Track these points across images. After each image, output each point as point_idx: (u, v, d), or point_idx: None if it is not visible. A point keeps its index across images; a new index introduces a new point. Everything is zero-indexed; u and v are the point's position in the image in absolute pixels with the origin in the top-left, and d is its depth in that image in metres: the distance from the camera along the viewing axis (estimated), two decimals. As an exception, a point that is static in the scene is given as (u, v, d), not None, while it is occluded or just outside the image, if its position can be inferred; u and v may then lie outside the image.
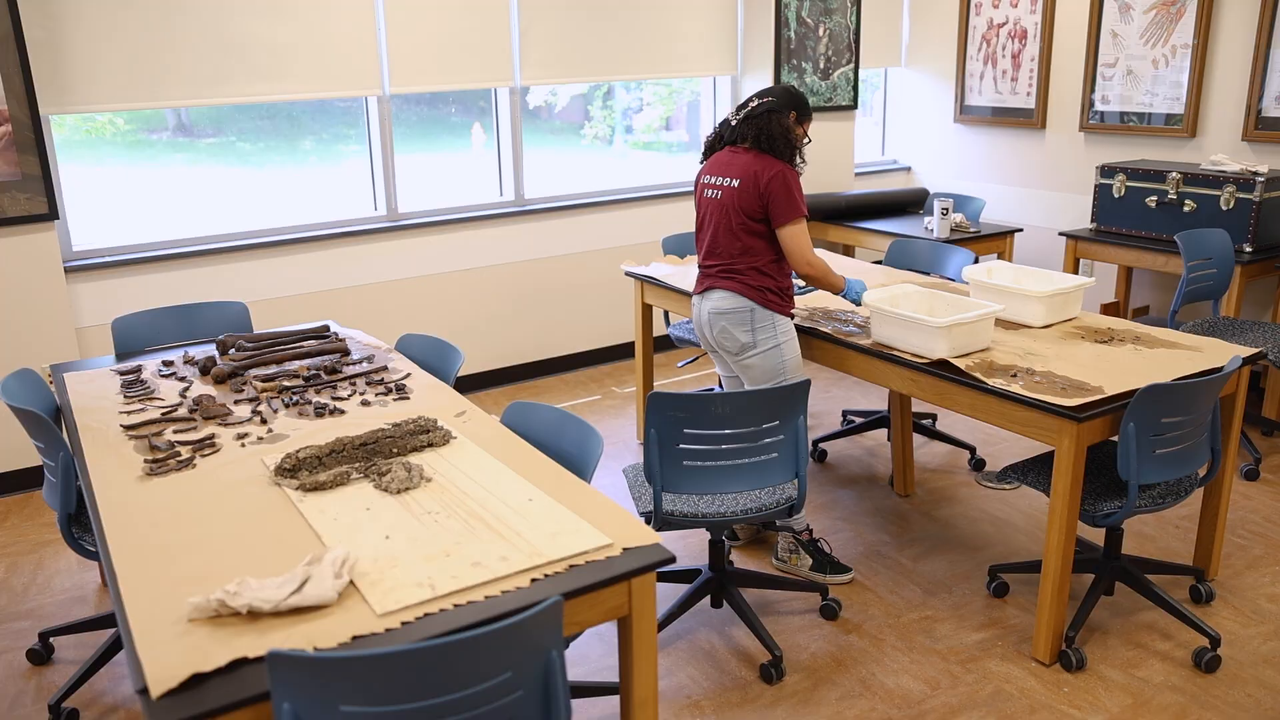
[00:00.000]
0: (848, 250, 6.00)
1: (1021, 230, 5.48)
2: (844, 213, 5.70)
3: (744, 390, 2.79)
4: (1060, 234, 5.21)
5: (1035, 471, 3.06)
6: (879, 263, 4.62)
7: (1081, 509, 2.86)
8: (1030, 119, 5.93)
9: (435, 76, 5.05)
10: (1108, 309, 5.55)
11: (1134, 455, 2.73)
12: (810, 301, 3.86)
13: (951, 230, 5.21)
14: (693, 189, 4.63)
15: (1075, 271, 5.19)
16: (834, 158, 6.27)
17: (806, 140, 3.39)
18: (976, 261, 4.38)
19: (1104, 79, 5.52)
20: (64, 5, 4.19)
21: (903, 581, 3.48)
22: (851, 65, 6.14)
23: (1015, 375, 2.96)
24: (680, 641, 3.17)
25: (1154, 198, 4.86)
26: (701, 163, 3.52)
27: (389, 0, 4.84)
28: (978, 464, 4.35)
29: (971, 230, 5.27)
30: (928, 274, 4.47)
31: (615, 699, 2.89)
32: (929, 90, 6.59)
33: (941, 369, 3.07)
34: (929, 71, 6.57)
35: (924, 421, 4.69)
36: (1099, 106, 5.56)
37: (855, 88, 6.19)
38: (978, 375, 2.96)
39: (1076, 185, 5.81)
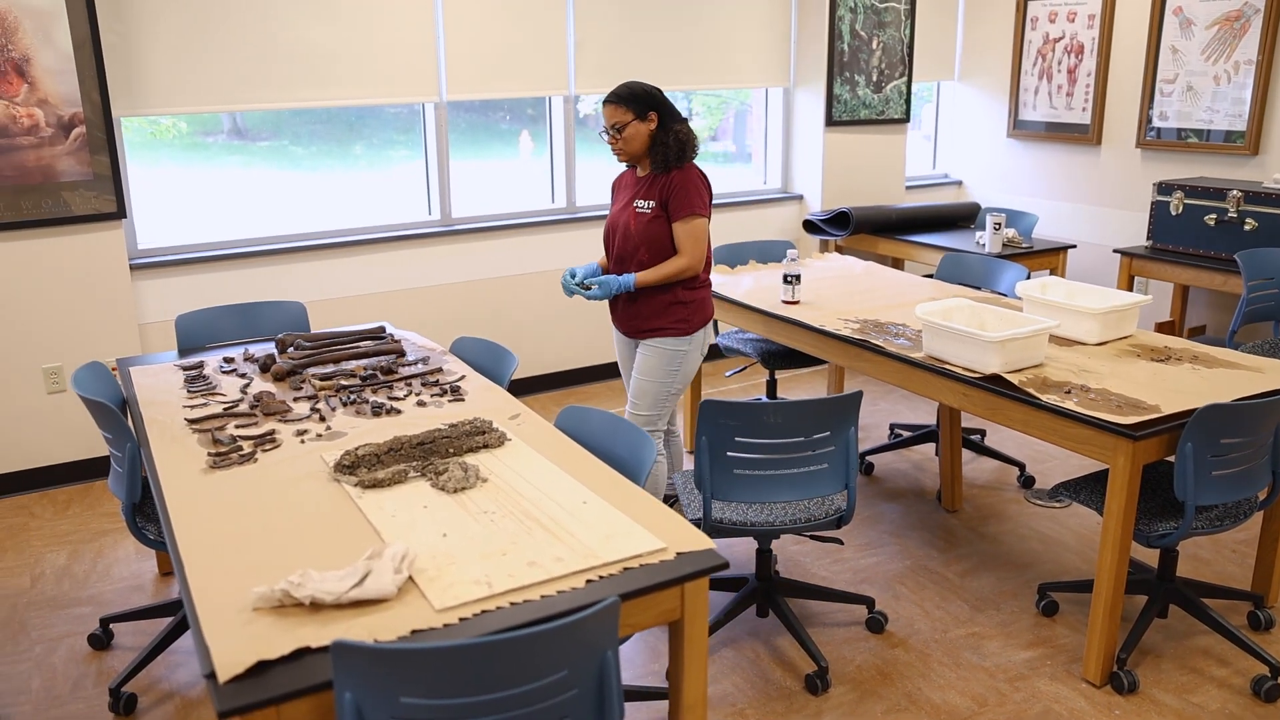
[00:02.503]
0: (897, 263, 5.98)
1: (1075, 247, 5.44)
2: (894, 226, 5.69)
3: (797, 400, 2.80)
4: (1114, 251, 5.16)
5: (1088, 490, 3.04)
6: (930, 276, 4.61)
7: (1136, 529, 2.84)
8: (1085, 134, 5.88)
9: (491, 84, 5.12)
10: (1162, 327, 5.49)
11: (1191, 476, 2.70)
12: (860, 314, 3.86)
13: (1004, 245, 5.18)
14: (723, 201, 4.64)
15: (1129, 289, 5.14)
16: (885, 171, 6.25)
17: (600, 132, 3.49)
18: (1029, 277, 4.35)
19: (1162, 95, 5.46)
20: (137, 11, 4.30)
21: (950, 597, 3.46)
22: (904, 78, 6.12)
23: (1069, 392, 2.94)
24: (725, 649, 3.17)
25: (1213, 215, 4.80)
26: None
27: (449, 8, 4.91)
28: (1027, 481, 4.32)
29: (1024, 246, 5.23)
30: (979, 289, 4.45)
31: (661, 704, 2.90)
32: (982, 104, 6.56)
33: (994, 384, 3.06)
34: (982, 86, 6.53)
35: (973, 437, 4.66)
36: (1157, 123, 5.51)
37: (908, 101, 6.18)
38: (1031, 391, 2.95)
39: (1132, 202, 5.76)
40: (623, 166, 3.59)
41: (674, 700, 2.14)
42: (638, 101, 3.34)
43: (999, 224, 5.05)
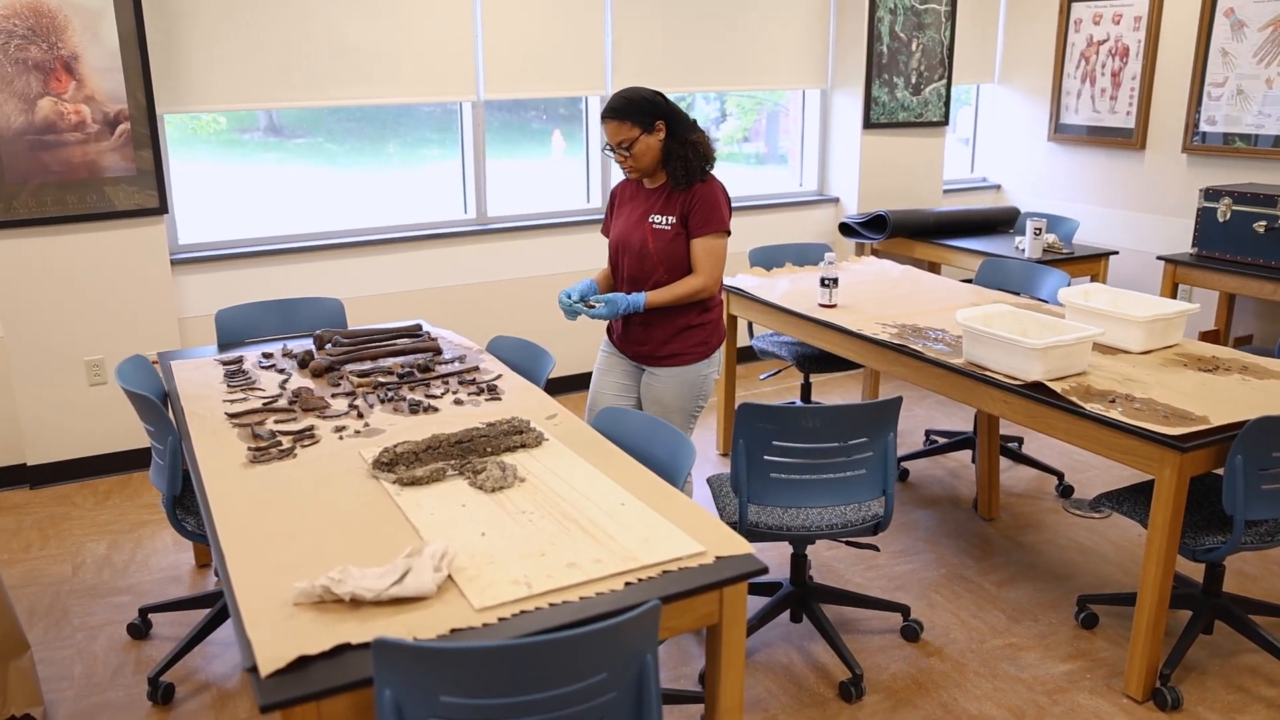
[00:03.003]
0: (933, 267, 5.93)
1: (1117, 253, 5.37)
2: (932, 230, 5.64)
3: (835, 405, 2.78)
4: (1158, 258, 5.09)
5: (1131, 501, 2.99)
6: (969, 281, 4.57)
7: (1181, 543, 2.79)
8: (1129, 139, 5.81)
9: (528, 83, 5.13)
10: (1206, 337, 5.41)
11: (1241, 489, 2.66)
12: (898, 318, 3.83)
13: (1044, 251, 5.13)
14: (757, 203, 4.60)
15: (1173, 297, 5.07)
16: (923, 174, 6.21)
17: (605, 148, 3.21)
18: (1070, 284, 4.30)
19: (1211, 98, 5.38)
20: (181, 9, 4.34)
21: (986, 606, 3.42)
22: (944, 81, 6.07)
23: (1114, 401, 2.90)
24: (759, 654, 3.16)
25: (1263, 223, 4.72)
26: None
27: (488, 7, 4.93)
28: (1065, 490, 4.26)
29: (1064, 251, 5.17)
30: (1017, 294, 4.40)
31: (694, 708, 2.89)
32: (1022, 107, 6.49)
33: (1036, 392, 3.02)
34: (1023, 88, 6.47)
35: (1010, 444, 4.61)
36: (1204, 127, 5.43)
37: (947, 104, 6.13)
38: (1074, 400, 2.91)
39: (1176, 208, 5.68)
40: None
41: (710, 705, 2.12)
42: (641, 113, 3.04)
43: (1039, 229, 5.00)
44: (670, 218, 3.14)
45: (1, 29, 3.94)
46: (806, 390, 4.74)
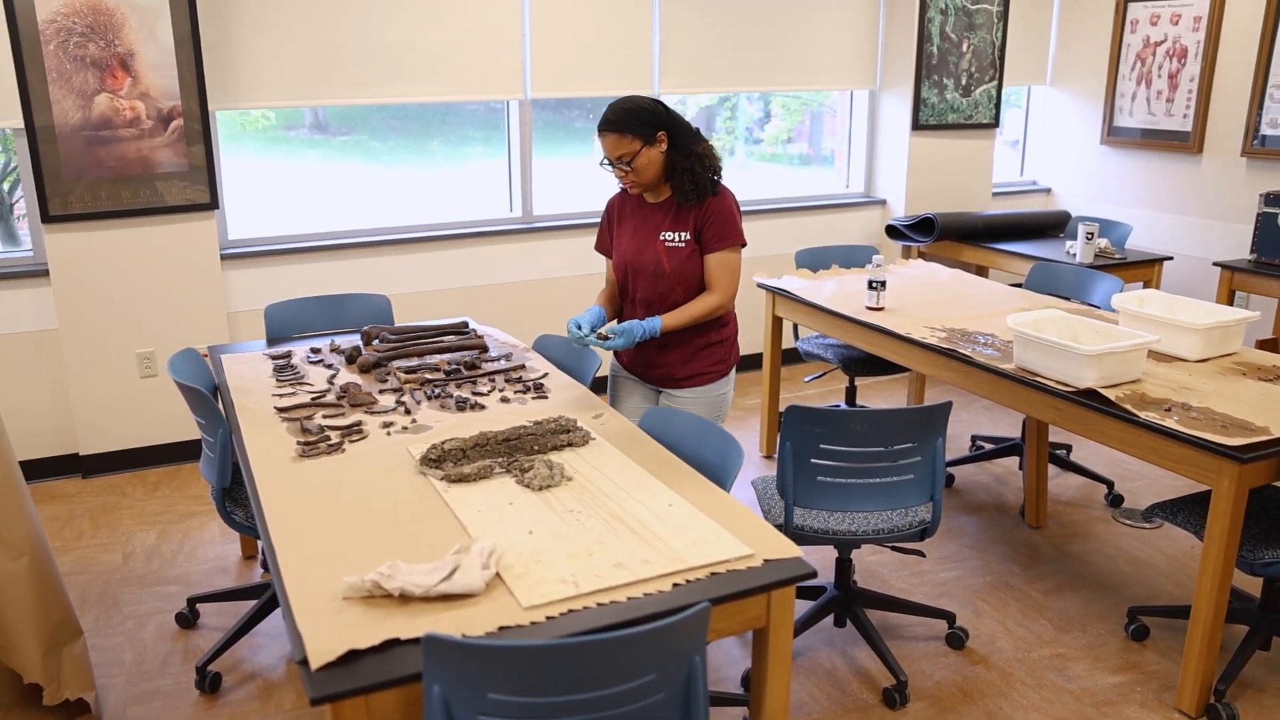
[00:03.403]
0: (981, 271, 5.86)
1: (1171, 259, 5.27)
2: (980, 233, 5.57)
3: (884, 409, 2.75)
4: (1214, 264, 4.99)
5: (1186, 512, 2.94)
6: (1018, 286, 4.50)
7: (1239, 556, 2.73)
8: (1185, 142, 5.70)
9: (575, 82, 5.13)
10: (1265, 345, 5.29)
11: (1299, 500, 2.60)
12: (947, 322, 3.79)
13: (1095, 256, 5.04)
14: (802, 204, 4.53)
15: (1229, 304, 4.97)
16: (971, 176, 6.14)
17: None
18: (1123, 289, 4.22)
19: (1273, 100, 5.26)
20: (235, 7, 4.39)
21: (1033, 615, 3.38)
22: (995, 83, 6.00)
23: (1169, 410, 2.84)
24: (802, 658, 3.13)
25: (1321, 231, 4.62)
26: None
27: (536, 6, 4.93)
28: (1115, 499, 4.19)
29: (1116, 256, 5.09)
30: (1068, 299, 4.33)
31: (735, 711, 2.87)
32: (1074, 110, 6.40)
33: (1089, 399, 2.97)
34: (1075, 90, 6.37)
35: (1058, 452, 4.55)
36: (1265, 130, 5.31)
37: (997, 105, 6.05)
38: (1129, 408, 2.86)
39: (1235, 213, 5.56)
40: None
41: (755, 708, 2.11)
42: (641, 124, 2.85)
43: (1091, 233, 4.92)
44: (684, 234, 2.96)
45: (61, 27, 4.01)
46: (851, 393, 4.70)
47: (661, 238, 2.99)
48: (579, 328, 2.90)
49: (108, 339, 4.40)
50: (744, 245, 3.01)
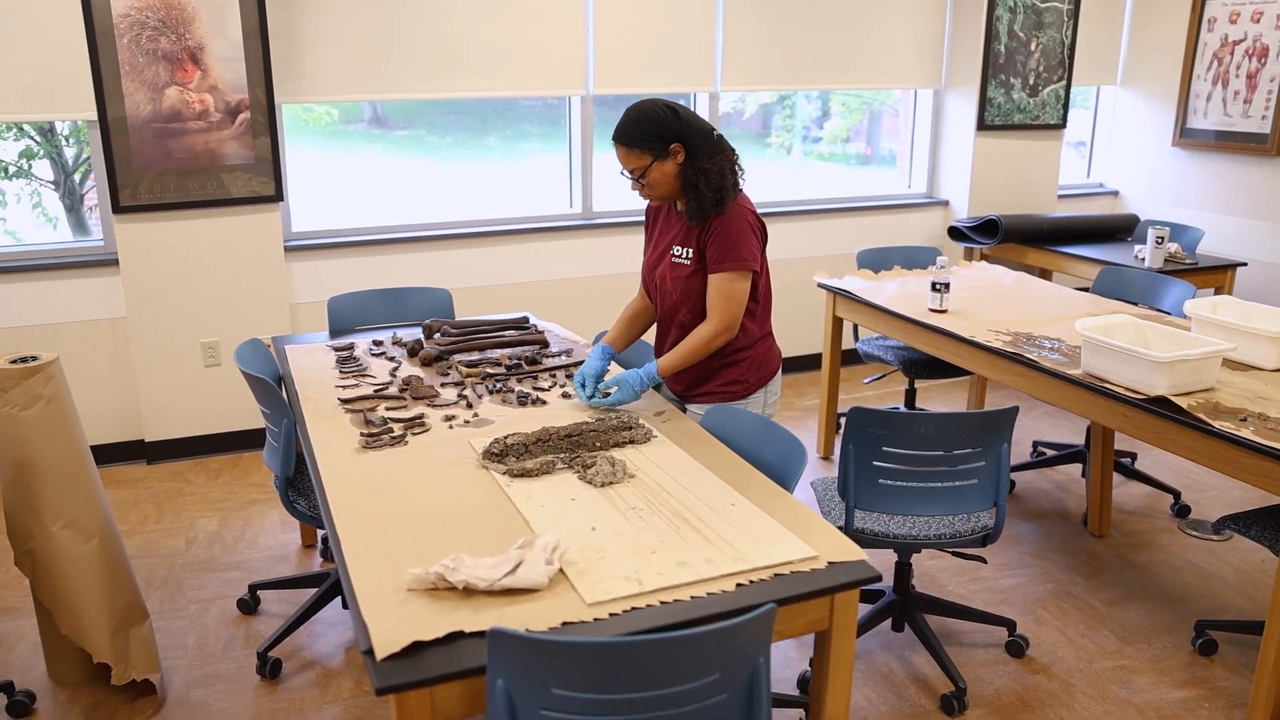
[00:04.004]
0: (1045, 274, 5.76)
1: (1245, 265, 5.14)
2: (1045, 236, 5.48)
3: (949, 413, 2.71)
4: (1289, 271, 4.86)
5: (1260, 525, 2.86)
6: (1084, 290, 4.42)
7: (1313, 568, 2.66)
8: (1264, 144, 5.55)
9: (638, 79, 5.12)
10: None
11: (1381, 515, 2.52)
12: (1011, 326, 3.73)
13: (1165, 261, 4.94)
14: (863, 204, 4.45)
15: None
16: (1037, 178, 6.04)
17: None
18: (1195, 295, 4.13)
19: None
20: (301, 2, 4.44)
21: (1095, 626, 3.31)
22: (1063, 82, 5.89)
23: (1245, 419, 2.77)
24: (859, 661, 3.10)
25: (1402, 238, 4.47)
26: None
27: (599, 3, 4.94)
28: (1181, 510, 4.10)
29: (1187, 261, 4.97)
30: (1136, 304, 4.25)
31: (792, 713, 2.85)
32: (1145, 111, 6.27)
33: (1160, 407, 2.91)
34: (1147, 91, 6.24)
35: (1123, 460, 4.46)
36: (1344, 136, 5.16)
37: (1065, 106, 5.94)
38: (1202, 417, 2.79)
39: (1310, 220, 5.42)
40: None
41: (815, 711, 2.09)
42: (651, 138, 2.65)
43: (1162, 237, 4.81)
44: (689, 250, 2.77)
45: (135, 20, 4.09)
46: (911, 396, 4.65)
47: (671, 252, 2.84)
48: (582, 387, 2.80)
49: (173, 328, 4.48)
50: (750, 269, 2.73)
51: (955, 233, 5.64)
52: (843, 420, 4.85)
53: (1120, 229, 5.61)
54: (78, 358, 4.45)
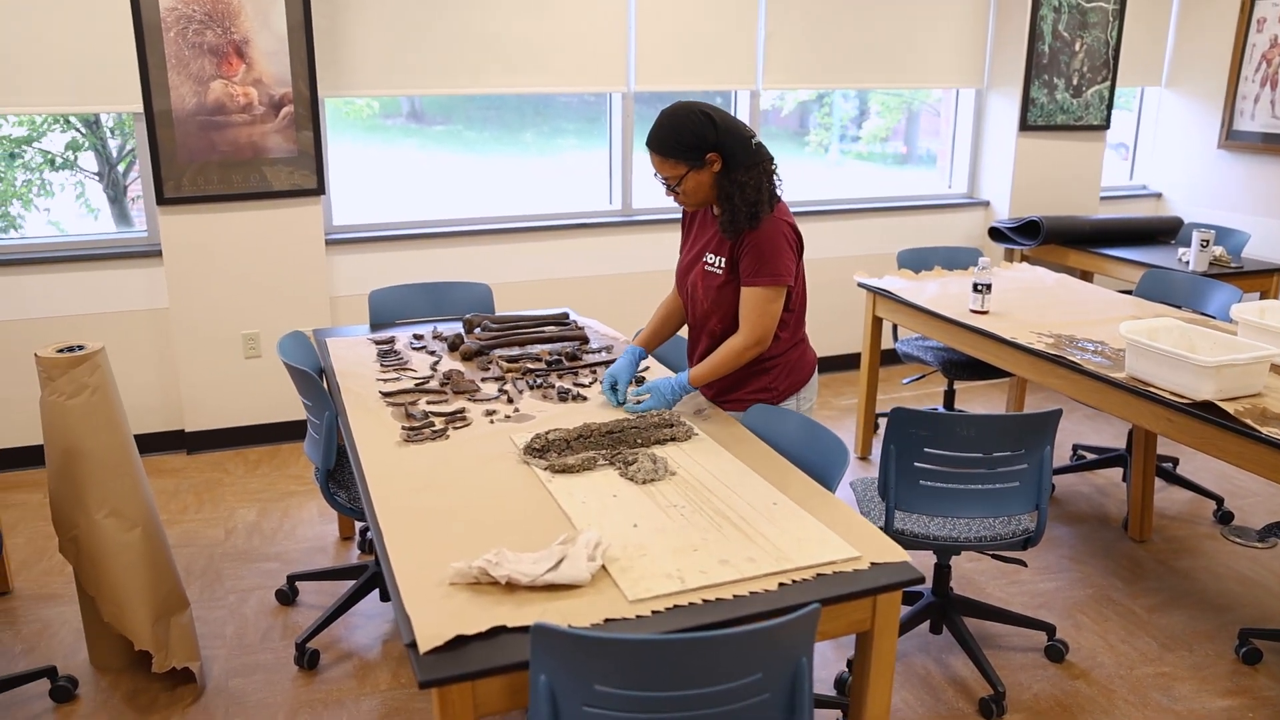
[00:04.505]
0: (1086, 276, 5.70)
1: (1291, 269, 5.06)
2: (1087, 237, 5.42)
3: (992, 414, 2.69)
4: (1338, 276, 4.78)
5: (1308, 531, 2.81)
6: (1127, 293, 4.36)
7: (1363, 578, 2.61)
8: (1309, 149, 5.46)
9: (679, 76, 5.11)
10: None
11: None
12: (1053, 328, 3.69)
13: (1210, 264, 4.87)
14: (902, 204, 4.39)
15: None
16: (1079, 179, 5.97)
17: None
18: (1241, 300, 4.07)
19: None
20: (347, -6, 4.49)
21: (1136, 632, 3.27)
22: (1107, 83, 5.82)
23: (1294, 425, 2.72)
24: (895, 663, 3.08)
25: None
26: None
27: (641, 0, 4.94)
28: (1224, 516, 4.04)
29: (1232, 265, 4.90)
30: (1179, 308, 4.19)
31: (829, 714, 2.84)
32: (1191, 112, 6.18)
33: (1205, 412, 2.87)
34: (1192, 92, 6.15)
35: (1164, 464, 4.40)
36: (1396, 140, 5.07)
37: (1109, 107, 5.87)
38: (1249, 422, 2.75)
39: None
40: None
41: (855, 713, 2.08)
42: (685, 149, 2.58)
43: (1207, 240, 4.75)
44: (722, 259, 2.73)
45: (181, 14, 4.13)
46: (950, 397, 4.61)
47: (704, 259, 2.80)
48: (613, 389, 2.78)
49: (215, 319, 4.52)
50: (784, 283, 2.67)
51: (996, 233, 5.59)
52: (881, 421, 4.84)
53: (1163, 232, 5.54)
54: (120, 348, 4.50)
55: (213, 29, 4.20)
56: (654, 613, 1.78)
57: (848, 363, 5.81)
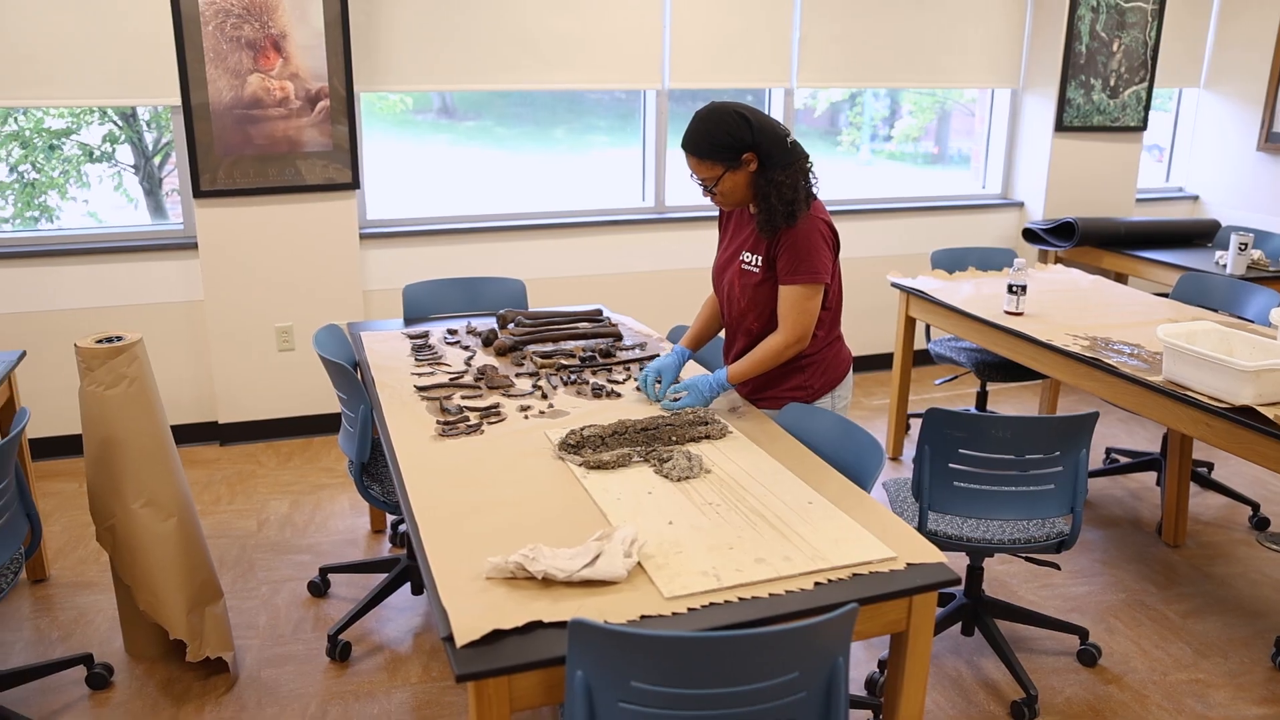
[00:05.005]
0: (1120, 278, 5.64)
1: (1331, 273, 4.99)
2: (1123, 240, 5.37)
3: (1029, 416, 2.67)
4: (1379, 281, 4.71)
5: (1349, 539, 2.78)
6: (1163, 295, 4.32)
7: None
8: (1351, 152, 5.38)
9: (713, 74, 5.11)
10: None
11: None
12: (1089, 330, 3.66)
13: (1248, 267, 4.81)
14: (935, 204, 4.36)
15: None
16: (1114, 181, 5.91)
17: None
18: None
19: None
20: (384, -10, 4.51)
21: (1169, 637, 3.24)
22: (1145, 84, 5.76)
23: (1337, 431, 2.69)
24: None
25: None
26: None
27: (677, -3, 4.93)
28: (1260, 522, 4.00)
29: (1271, 269, 4.84)
30: (1216, 311, 4.14)
31: (860, 714, 2.83)
32: (1229, 114, 6.10)
33: (1244, 416, 2.83)
34: (1232, 94, 6.08)
35: (1199, 469, 4.35)
36: None
37: (1146, 108, 5.81)
38: (1291, 427, 2.71)
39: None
40: None
41: (889, 714, 2.07)
42: (722, 149, 2.58)
43: (1245, 244, 4.69)
44: (759, 257, 2.73)
45: (220, 8, 4.16)
46: (982, 399, 4.58)
47: (740, 258, 2.80)
48: (657, 382, 2.77)
49: (249, 312, 4.56)
50: (821, 281, 2.66)
51: (1030, 235, 5.55)
52: (912, 422, 4.81)
53: (1200, 234, 5.47)
54: (155, 339, 4.55)
55: (251, 23, 4.23)
56: (690, 610, 1.78)
57: (878, 362, 5.79)
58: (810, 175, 2.68)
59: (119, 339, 2.83)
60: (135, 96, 4.29)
